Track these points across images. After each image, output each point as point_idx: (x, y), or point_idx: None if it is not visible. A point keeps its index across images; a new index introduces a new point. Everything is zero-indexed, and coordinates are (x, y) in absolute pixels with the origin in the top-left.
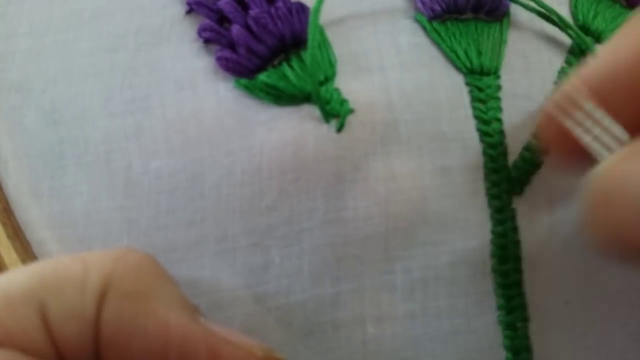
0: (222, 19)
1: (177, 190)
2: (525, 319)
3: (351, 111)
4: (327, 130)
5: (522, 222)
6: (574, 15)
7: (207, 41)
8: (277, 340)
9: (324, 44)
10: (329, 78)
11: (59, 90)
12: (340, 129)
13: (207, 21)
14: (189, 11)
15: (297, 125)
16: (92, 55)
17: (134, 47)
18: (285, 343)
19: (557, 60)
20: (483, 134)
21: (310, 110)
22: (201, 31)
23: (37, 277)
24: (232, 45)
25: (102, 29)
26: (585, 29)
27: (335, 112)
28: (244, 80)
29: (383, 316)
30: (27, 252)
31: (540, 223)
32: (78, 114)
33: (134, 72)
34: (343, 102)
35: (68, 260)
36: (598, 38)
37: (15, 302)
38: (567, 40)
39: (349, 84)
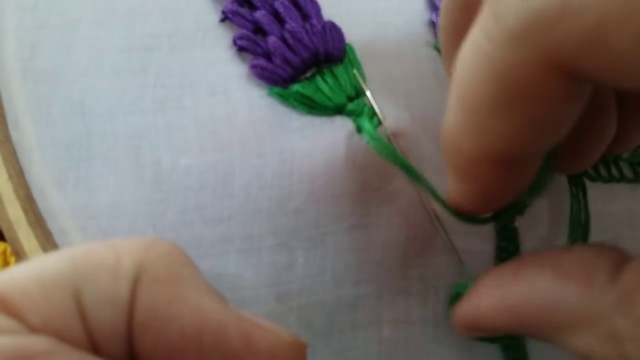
0: (255, 30)
1: (206, 187)
2: None
3: (380, 124)
4: (357, 140)
5: (523, 239)
6: None
7: (240, 49)
8: None
9: (355, 62)
10: (359, 94)
11: (89, 84)
12: (370, 140)
13: (243, 30)
14: (223, 19)
15: (330, 134)
16: (125, 53)
17: (167, 49)
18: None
19: None
20: None
21: (342, 122)
22: (237, 39)
23: (71, 263)
24: (266, 55)
25: (135, 29)
26: None
27: (365, 124)
28: (277, 89)
29: (398, 319)
30: (48, 241)
31: (538, 241)
32: (108, 109)
33: (167, 73)
34: (373, 115)
35: (99, 247)
36: None
37: (51, 287)
38: None
39: (377, 101)
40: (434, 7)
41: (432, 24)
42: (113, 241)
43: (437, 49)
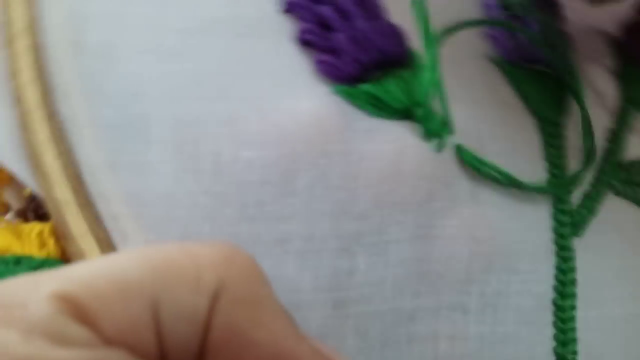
0: (319, 25)
1: (268, 183)
2: (575, 353)
3: (451, 133)
4: (426, 148)
5: (579, 262)
6: (619, 84)
7: (304, 43)
8: (353, 347)
9: (432, 69)
10: (428, 100)
11: (146, 64)
12: (440, 149)
13: (309, 24)
14: (287, 11)
15: (399, 139)
16: (185, 35)
17: (229, 35)
18: (360, 352)
19: (605, 120)
20: (552, 176)
21: (411, 127)
22: (303, 33)
23: (151, 269)
24: (332, 51)
25: (195, 11)
26: (627, 97)
27: (436, 131)
28: (344, 87)
29: (456, 335)
30: (99, 226)
31: (594, 266)
32: (167, 92)
33: (229, 60)
34: (444, 123)
35: (177, 253)
36: (637, 106)
37: (130, 294)
38: (612, 104)
39: (440, 110)
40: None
41: (491, 38)
42: (191, 247)
43: (495, 61)
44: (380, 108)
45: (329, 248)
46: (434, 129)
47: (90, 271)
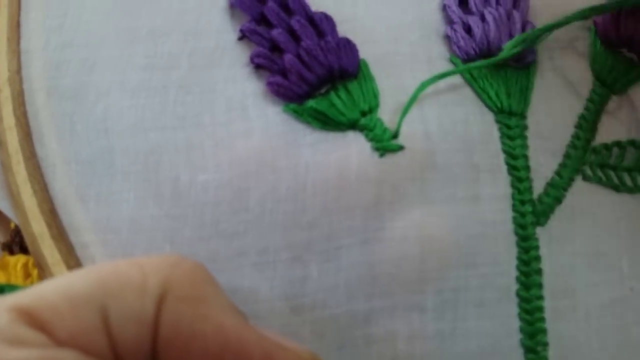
0: (272, 48)
1: (222, 203)
2: (545, 344)
3: (394, 138)
4: (370, 154)
5: (544, 251)
6: (592, 68)
7: (258, 67)
8: None
9: (368, 77)
10: (372, 108)
11: (112, 101)
12: (383, 154)
13: (260, 48)
14: (241, 38)
15: (342, 148)
16: (147, 71)
17: (187, 67)
18: (319, 355)
19: (577, 106)
20: (511, 168)
21: (355, 136)
22: (254, 57)
23: (99, 281)
24: (282, 72)
25: (157, 48)
26: (601, 80)
27: (379, 138)
28: (293, 105)
29: (414, 334)
30: (70, 254)
31: (561, 254)
32: (130, 125)
33: (187, 91)
34: (386, 130)
35: (126, 265)
36: (612, 89)
37: (78, 303)
38: (585, 89)
39: (390, 115)
40: (450, 20)
41: (448, 38)
42: (139, 259)
43: (453, 62)
44: (325, 122)
45: (282, 258)
46: (377, 135)
47: (44, 287)
